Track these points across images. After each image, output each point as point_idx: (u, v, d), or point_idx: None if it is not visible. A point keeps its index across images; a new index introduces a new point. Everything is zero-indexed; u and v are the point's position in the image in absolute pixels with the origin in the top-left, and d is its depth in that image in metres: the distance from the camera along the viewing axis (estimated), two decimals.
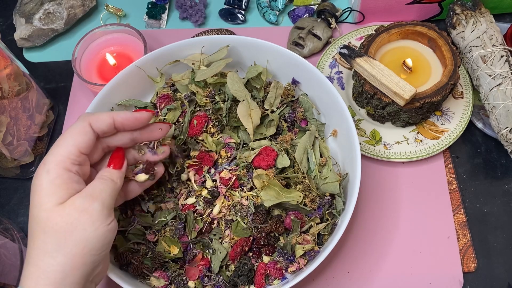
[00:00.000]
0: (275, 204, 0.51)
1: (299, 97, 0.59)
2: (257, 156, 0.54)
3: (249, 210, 0.52)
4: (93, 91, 0.65)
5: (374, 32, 0.63)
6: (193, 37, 0.71)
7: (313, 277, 0.57)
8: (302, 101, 0.59)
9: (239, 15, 0.75)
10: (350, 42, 0.70)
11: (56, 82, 0.72)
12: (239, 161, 0.54)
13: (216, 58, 0.59)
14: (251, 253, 0.52)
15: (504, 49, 0.60)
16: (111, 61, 0.67)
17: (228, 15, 0.75)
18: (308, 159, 0.55)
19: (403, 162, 0.63)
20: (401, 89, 0.57)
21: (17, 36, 0.71)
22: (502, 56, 0.60)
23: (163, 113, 0.57)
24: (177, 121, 0.57)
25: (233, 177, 0.53)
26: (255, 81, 0.58)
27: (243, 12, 0.75)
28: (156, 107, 0.59)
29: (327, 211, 0.53)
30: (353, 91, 0.66)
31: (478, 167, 0.63)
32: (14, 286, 0.54)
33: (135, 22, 0.76)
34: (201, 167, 0.55)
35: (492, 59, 0.60)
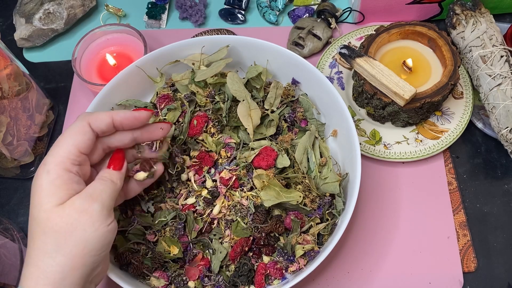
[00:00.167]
0: (275, 204, 0.51)
1: (299, 97, 0.59)
2: (257, 156, 0.53)
3: (249, 210, 0.52)
4: (93, 91, 0.65)
5: (374, 32, 0.63)
6: (193, 37, 0.71)
7: (313, 277, 0.57)
8: (302, 101, 0.59)
9: (239, 15, 0.74)
10: (350, 42, 0.70)
11: (56, 82, 0.72)
12: (239, 161, 0.54)
13: (216, 58, 0.59)
14: (251, 253, 0.52)
15: (504, 49, 0.60)
16: (111, 61, 0.67)
17: (228, 15, 0.75)
18: (308, 159, 0.55)
19: (403, 162, 0.63)
20: (401, 89, 0.57)
21: (17, 36, 0.71)
22: (502, 56, 0.60)
23: (163, 113, 0.57)
24: (177, 121, 0.57)
25: (233, 177, 0.53)
26: (255, 81, 0.58)
27: (243, 12, 0.75)
28: (156, 107, 0.59)
29: (327, 211, 0.53)
30: (353, 91, 0.66)
31: (478, 167, 0.63)
32: (14, 286, 0.54)
33: (135, 22, 0.75)
34: (201, 167, 0.55)
35: (492, 59, 0.60)
